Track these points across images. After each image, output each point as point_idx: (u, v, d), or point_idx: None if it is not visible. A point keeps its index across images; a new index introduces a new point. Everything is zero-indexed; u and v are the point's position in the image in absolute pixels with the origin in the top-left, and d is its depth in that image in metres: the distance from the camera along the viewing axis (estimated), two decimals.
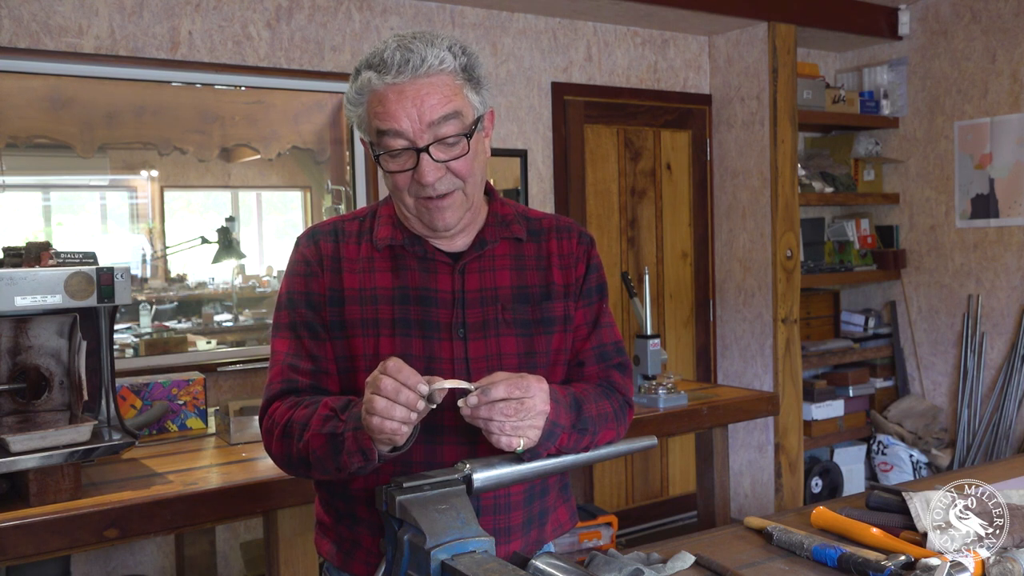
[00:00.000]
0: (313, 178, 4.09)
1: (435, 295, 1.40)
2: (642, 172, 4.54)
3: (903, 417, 4.80)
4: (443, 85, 1.32)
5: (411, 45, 1.31)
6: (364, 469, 1.29)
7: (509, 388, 1.23)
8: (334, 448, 1.28)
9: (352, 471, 1.29)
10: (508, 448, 1.24)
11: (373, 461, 1.27)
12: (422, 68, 1.30)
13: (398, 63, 1.30)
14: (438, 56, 1.31)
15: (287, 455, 1.37)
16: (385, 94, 1.31)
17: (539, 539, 1.49)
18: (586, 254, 1.51)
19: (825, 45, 4.97)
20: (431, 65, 1.30)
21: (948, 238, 4.75)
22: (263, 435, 1.42)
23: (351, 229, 1.47)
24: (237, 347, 3.77)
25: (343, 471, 1.30)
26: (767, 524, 1.65)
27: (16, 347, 2.11)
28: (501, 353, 1.40)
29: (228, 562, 3.50)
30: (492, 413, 1.22)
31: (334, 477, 1.35)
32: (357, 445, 1.25)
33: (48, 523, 1.85)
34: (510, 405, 1.22)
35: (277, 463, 1.42)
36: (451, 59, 1.32)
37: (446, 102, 1.32)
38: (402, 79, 1.30)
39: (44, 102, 3.35)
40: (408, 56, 1.30)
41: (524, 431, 1.25)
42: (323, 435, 1.29)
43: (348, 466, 1.28)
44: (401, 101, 1.30)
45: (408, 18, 3.80)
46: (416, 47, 1.30)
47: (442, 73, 1.32)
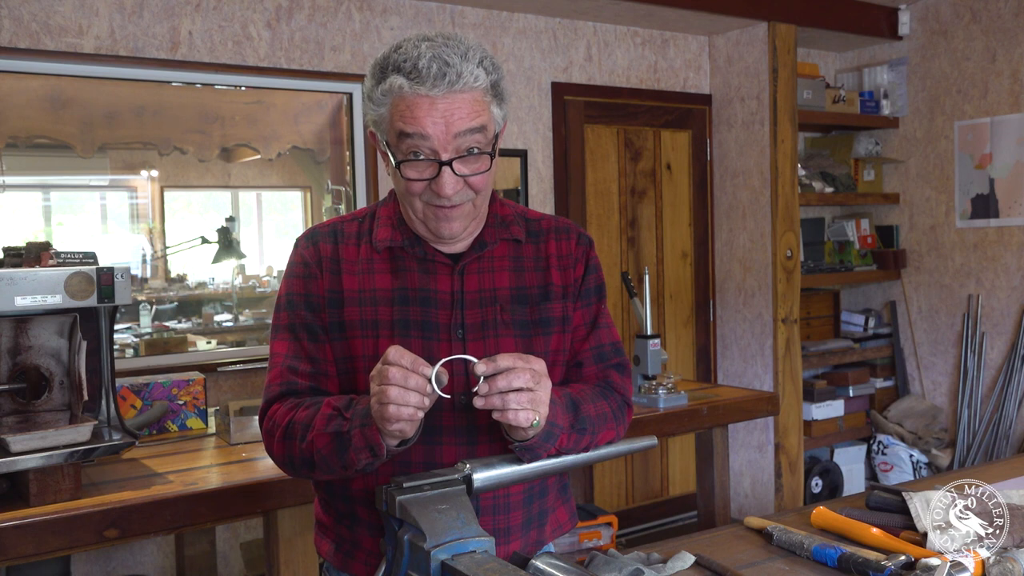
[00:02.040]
0: (313, 178, 4.09)
1: (434, 296, 1.40)
2: (642, 172, 4.54)
3: (903, 417, 4.80)
4: (474, 101, 1.31)
5: (446, 57, 1.29)
6: (371, 465, 1.29)
7: (514, 359, 1.22)
8: (340, 446, 1.28)
9: (359, 468, 1.29)
10: (526, 423, 1.22)
11: (381, 456, 1.27)
12: (458, 84, 1.29)
13: (434, 75, 1.28)
14: (473, 73, 1.30)
15: (289, 456, 1.37)
16: (416, 102, 1.29)
17: (539, 539, 1.49)
18: (585, 255, 1.51)
19: (825, 45, 4.97)
20: (466, 82, 1.29)
21: (948, 238, 4.75)
22: (264, 437, 1.42)
23: (350, 230, 1.47)
24: (237, 347, 3.77)
25: (349, 469, 1.30)
26: (767, 524, 1.65)
27: (16, 347, 2.11)
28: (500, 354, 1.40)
29: (228, 562, 3.50)
30: (511, 380, 1.20)
31: (339, 476, 1.35)
32: (365, 441, 1.25)
33: (48, 523, 1.85)
34: (524, 372, 1.21)
35: (279, 464, 1.42)
36: (484, 76, 1.32)
37: (474, 117, 1.31)
38: (437, 91, 1.28)
39: (44, 102, 3.35)
40: (445, 70, 1.28)
41: (538, 405, 1.23)
42: (328, 434, 1.29)
43: (355, 463, 1.28)
44: (431, 113, 1.29)
45: (408, 18, 3.80)
46: (452, 60, 1.29)
47: (475, 90, 1.31)
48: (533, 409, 1.22)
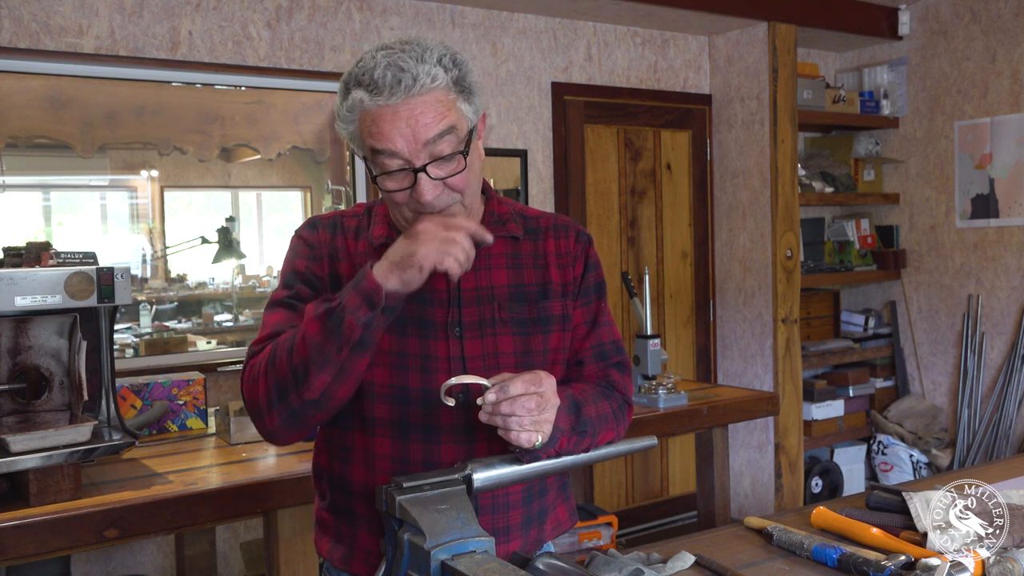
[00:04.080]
0: (313, 178, 4.09)
1: (431, 294, 1.40)
2: (642, 172, 4.54)
3: (903, 417, 4.80)
4: (436, 102, 1.29)
5: (401, 63, 1.27)
6: (370, 328, 1.23)
7: (526, 384, 1.23)
8: (334, 321, 1.22)
9: (355, 341, 1.23)
10: (528, 444, 1.24)
11: (379, 305, 1.21)
12: (415, 88, 1.27)
13: (390, 84, 1.26)
14: (430, 73, 1.28)
15: (277, 382, 1.29)
16: (378, 114, 1.28)
17: (539, 538, 1.49)
18: (584, 253, 1.51)
19: (825, 45, 4.97)
20: (423, 84, 1.27)
21: (948, 238, 4.75)
22: (246, 387, 1.35)
23: (350, 225, 1.48)
24: (237, 347, 3.77)
25: (346, 346, 1.23)
26: (767, 524, 1.65)
27: (16, 347, 2.11)
28: (498, 352, 1.40)
29: (228, 562, 3.50)
30: (514, 408, 1.21)
31: (333, 366, 1.25)
32: (361, 296, 1.21)
33: (48, 523, 1.85)
34: (531, 399, 1.22)
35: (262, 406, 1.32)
36: (443, 74, 1.29)
37: (440, 119, 1.29)
38: (395, 100, 1.27)
39: (44, 102, 3.35)
40: (400, 76, 1.26)
41: (542, 425, 1.25)
42: (317, 317, 1.24)
43: (352, 333, 1.22)
44: (395, 122, 1.28)
45: (408, 18, 3.80)
46: (407, 64, 1.27)
47: (435, 90, 1.29)
48: (535, 430, 1.24)
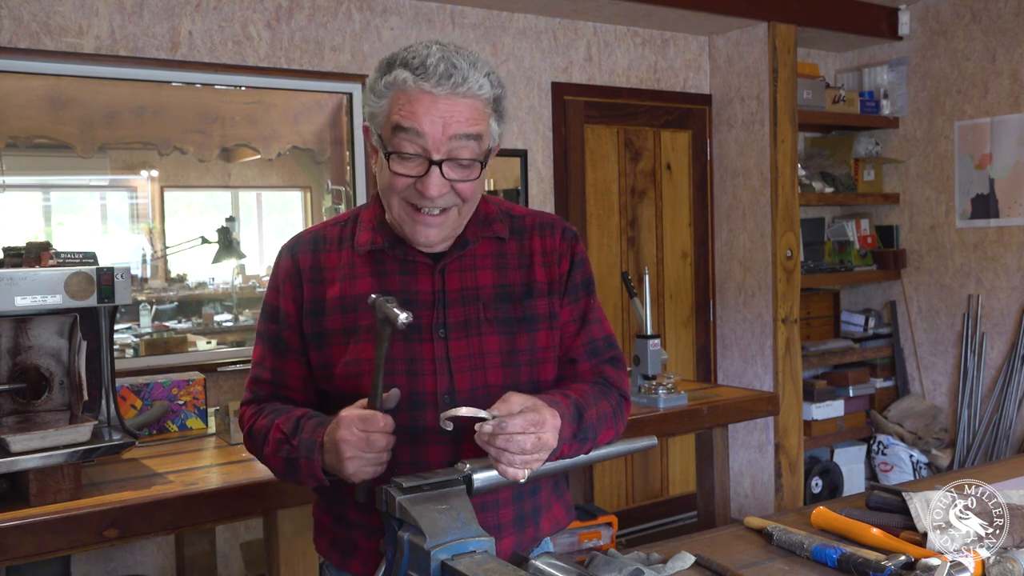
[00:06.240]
0: (313, 178, 4.09)
1: (416, 297, 1.40)
2: (642, 172, 4.54)
3: (903, 417, 4.80)
4: (474, 109, 1.33)
5: (455, 60, 1.31)
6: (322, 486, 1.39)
7: (525, 424, 1.23)
8: (291, 469, 1.39)
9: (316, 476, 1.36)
10: (511, 479, 1.25)
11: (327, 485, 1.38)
12: (463, 86, 1.31)
13: (441, 73, 1.30)
14: (478, 80, 1.32)
15: (258, 456, 1.49)
16: (417, 97, 1.31)
17: (535, 536, 1.49)
18: (570, 250, 1.50)
19: (825, 45, 4.97)
20: (471, 87, 1.32)
21: (948, 238, 4.75)
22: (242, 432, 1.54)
23: (332, 235, 1.48)
24: (237, 347, 3.77)
25: (308, 478, 1.38)
26: (767, 524, 1.65)
27: (16, 347, 2.11)
28: (484, 352, 1.40)
29: (228, 562, 3.50)
30: (508, 446, 1.22)
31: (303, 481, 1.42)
32: (310, 471, 1.35)
33: (48, 523, 1.85)
34: (528, 439, 1.23)
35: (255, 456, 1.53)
36: (488, 87, 1.34)
37: (472, 123, 1.33)
38: (440, 90, 1.30)
39: (44, 102, 3.35)
40: (451, 71, 1.30)
41: (532, 464, 1.26)
42: (280, 458, 1.40)
43: (312, 471, 1.36)
44: (432, 109, 1.31)
45: (408, 18, 3.80)
46: (460, 64, 1.31)
47: (477, 98, 1.33)
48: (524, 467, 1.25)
